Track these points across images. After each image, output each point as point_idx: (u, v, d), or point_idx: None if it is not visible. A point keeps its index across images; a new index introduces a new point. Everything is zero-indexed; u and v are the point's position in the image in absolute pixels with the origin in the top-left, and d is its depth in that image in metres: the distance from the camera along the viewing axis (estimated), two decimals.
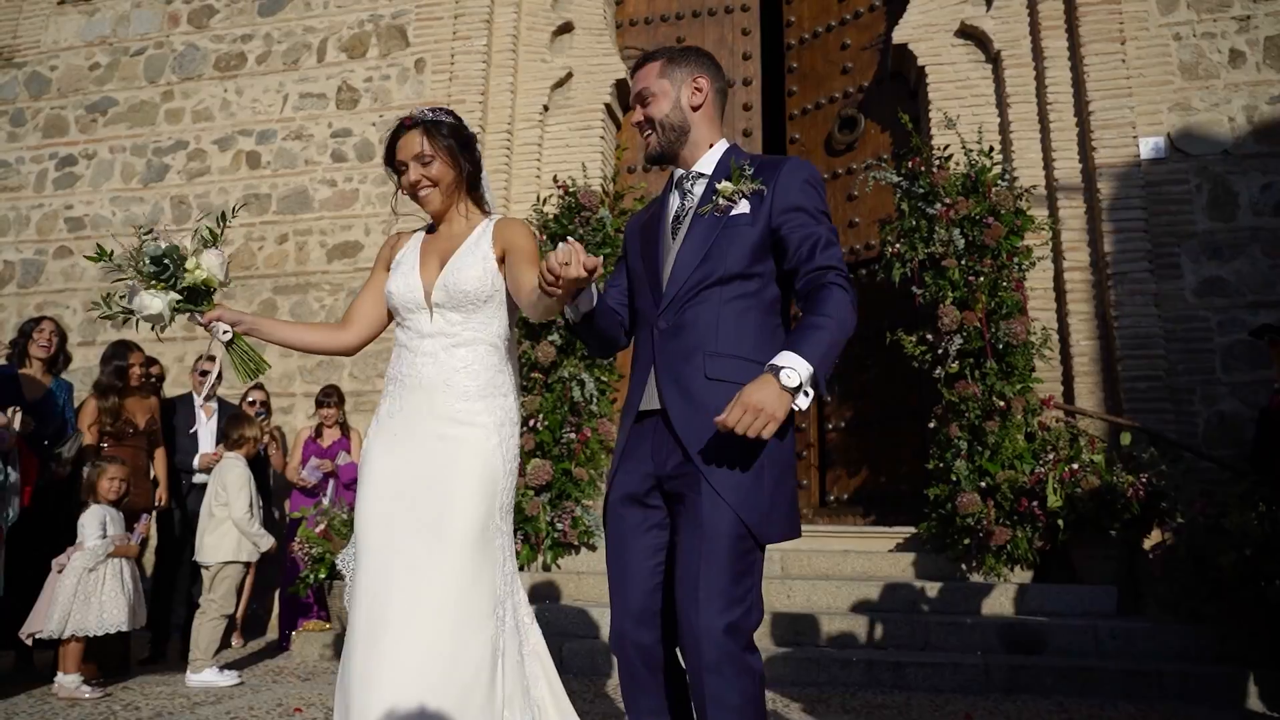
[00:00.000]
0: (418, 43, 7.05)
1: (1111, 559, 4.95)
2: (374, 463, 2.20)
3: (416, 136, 2.26)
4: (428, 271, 2.27)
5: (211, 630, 4.37)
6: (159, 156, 7.36)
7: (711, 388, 1.88)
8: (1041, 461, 5.08)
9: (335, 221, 6.90)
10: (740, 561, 1.84)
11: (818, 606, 5.02)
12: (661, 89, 2.08)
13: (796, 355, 1.76)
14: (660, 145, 2.10)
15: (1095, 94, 5.72)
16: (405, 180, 2.29)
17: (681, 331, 1.95)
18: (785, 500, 1.92)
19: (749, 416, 1.72)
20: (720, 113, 2.14)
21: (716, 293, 1.94)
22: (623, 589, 2.00)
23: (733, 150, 2.09)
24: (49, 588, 4.06)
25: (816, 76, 7.08)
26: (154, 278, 2.24)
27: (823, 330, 1.80)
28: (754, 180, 1.97)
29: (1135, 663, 4.25)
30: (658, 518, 1.99)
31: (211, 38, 7.50)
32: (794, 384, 1.74)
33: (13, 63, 7.87)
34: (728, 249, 1.94)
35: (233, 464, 4.63)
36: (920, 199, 5.59)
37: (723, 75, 2.16)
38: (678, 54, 2.13)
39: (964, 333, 5.30)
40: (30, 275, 7.39)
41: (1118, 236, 5.55)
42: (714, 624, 1.80)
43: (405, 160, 2.27)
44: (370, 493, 2.18)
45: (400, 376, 2.25)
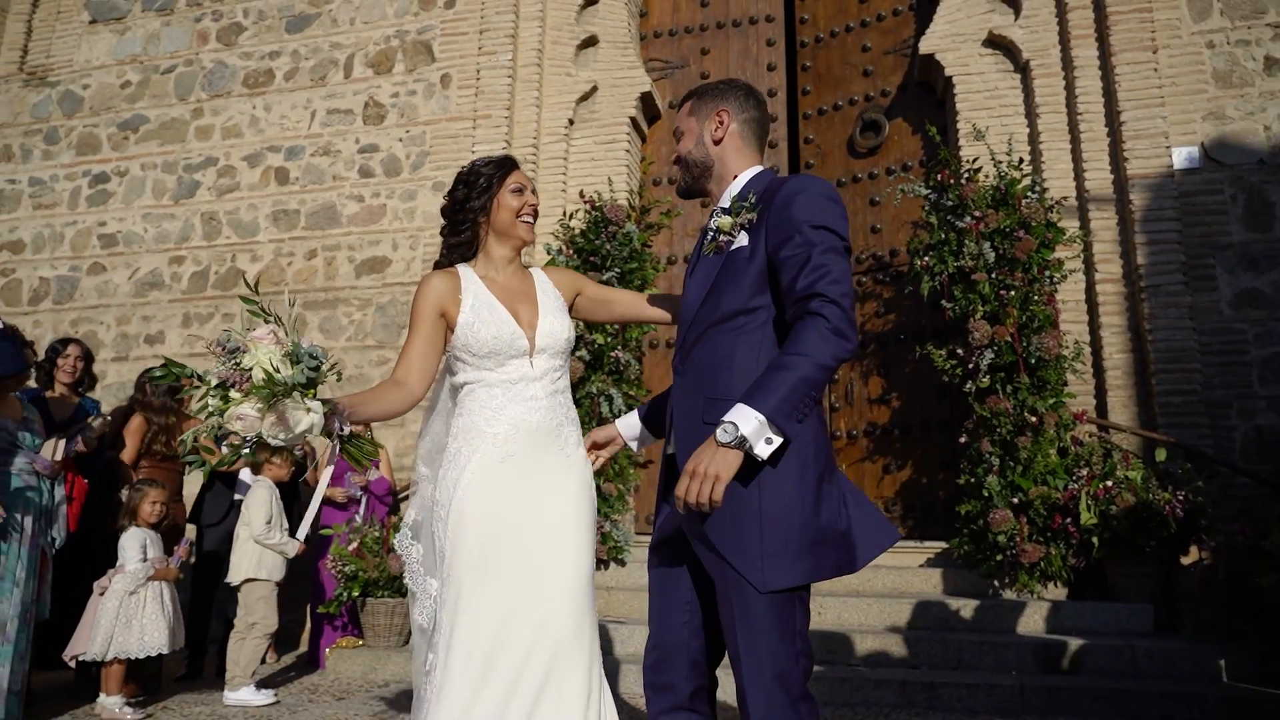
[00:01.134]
0: (443, 58, 7.09)
1: (1147, 577, 4.89)
2: (501, 506, 2.11)
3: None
4: (520, 317, 2.25)
5: (252, 649, 4.42)
6: (189, 173, 7.45)
7: (709, 433, 1.80)
8: (1075, 477, 5.04)
9: (363, 237, 6.96)
10: (772, 614, 1.79)
11: (849, 624, 5.01)
12: (689, 126, 2.11)
13: (743, 405, 1.71)
14: (685, 181, 2.13)
15: (1127, 103, 5.66)
16: (521, 201, 2.30)
17: (690, 374, 1.95)
18: (791, 543, 1.78)
19: (694, 483, 1.71)
20: (755, 140, 2.09)
21: (718, 332, 1.91)
22: (655, 631, 2.03)
23: (755, 179, 2.02)
24: (91, 610, 4.13)
25: (834, 78, 7.04)
26: (309, 385, 1.88)
27: (785, 370, 1.72)
28: (752, 209, 1.92)
29: (1174, 684, 4.20)
30: (691, 561, 2.00)
31: (240, 55, 7.58)
32: (729, 439, 1.69)
33: (46, 81, 8.00)
34: (726, 286, 1.92)
35: (256, 486, 4.70)
36: (949, 212, 5.56)
37: (754, 103, 2.08)
38: (709, 89, 2.12)
39: (995, 347, 5.27)
40: (65, 291, 7.50)
41: (1151, 248, 5.48)
42: (759, 678, 1.78)
43: (521, 185, 2.32)
44: (503, 530, 2.11)
45: (502, 421, 2.17)
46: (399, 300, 6.78)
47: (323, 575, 5.48)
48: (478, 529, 2.09)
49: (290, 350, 1.89)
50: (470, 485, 2.12)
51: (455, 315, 2.20)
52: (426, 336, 2.21)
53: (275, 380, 1.82)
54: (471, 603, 2.04)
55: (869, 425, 6.46)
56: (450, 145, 6.89)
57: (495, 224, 2.31)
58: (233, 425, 1.84)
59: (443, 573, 2.11)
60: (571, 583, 2.11)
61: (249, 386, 1.82)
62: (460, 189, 2.32)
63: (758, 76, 7.09)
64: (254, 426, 1.83)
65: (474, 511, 2.10)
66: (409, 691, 4.68)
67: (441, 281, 2.25)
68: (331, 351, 6.81)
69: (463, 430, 2.19)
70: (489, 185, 2.29)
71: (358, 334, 6.83)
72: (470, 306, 2.21)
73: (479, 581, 2.06)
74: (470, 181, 2.31)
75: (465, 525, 2.09)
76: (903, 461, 6.30)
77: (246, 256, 7.17)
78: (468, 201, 2.30)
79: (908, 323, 6.39)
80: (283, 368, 1.85)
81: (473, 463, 2.14)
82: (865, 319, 6.54)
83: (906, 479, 6.28)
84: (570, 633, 2.07)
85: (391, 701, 4.47)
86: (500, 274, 2.32)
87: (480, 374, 2.21)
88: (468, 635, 2.02)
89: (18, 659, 3.77)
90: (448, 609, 2.05)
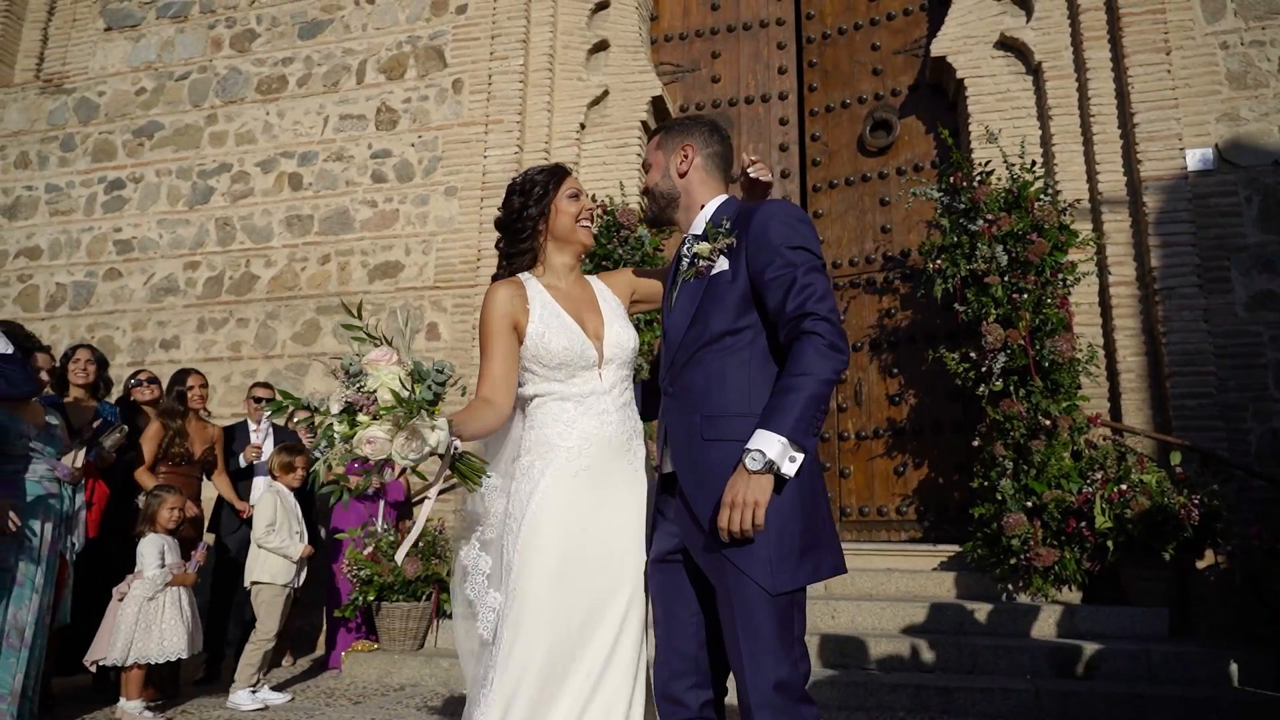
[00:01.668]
0: (455, 63, 7.12)
1: (1163, 580, 4.88)
2: (574, 523, 2.08)
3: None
4: (587, 327, 2.22)
5: (248, 654, 4.48)
6: (204, 179, 7.51)
7: (711, 449, 1.94)
8: (1089, 481, 5.03)
9: (376, 242, 7.00)
10: (774, 620, 1.87)
11: (862, 628, 5.01)
12: (656, 160, 2.25)
13: (764, 431, 1.83)
14: (651, 211, 2.27)
15: (1140, 105, 5.64)
16: (579, 206, 2.29)
17: (681, 395, 2.03)
18: (795, 545, 1.89)
19: (735, 513, 1.82)
20: (719, 173, 2.23)
21: (707, 352, 2.01)
22: (663, 643, 2.07)
23: (723, 206, 2.15)
24: (110, 615, 4.17)
25: (841, 75, 7.01)
26: (434, 402, 1.86)
27: (794, 392, 1.84)
28: (729, 234, 2.04)
29: (1190, 689, 4.19)
30: (694, 575, 2.04)
31: (253, 61, 7.64)
32: (759, 466, 1.81)
33: (62, 89, 8.07)
34: (711, 309, 2.02)
35: (263, 492, 4.74)
36: (961, 214, 5.55)
37: (718, 139, 2.23)
38: (676, 124, 2.27)
39: (1008, 350, 5.26)
40: (81, 297, 7.57)
41: (1165, 250, 5.46)
42: (761, 684, 1.85)
43: (577, 190, 2.32)
44: (573, 548, 2.09)
45: (575, 434, 2.14)
46: (412, 305, 6.81)
47: (338, 579, 5.52)
48: (550, 546, 2.06)
49: (412, 369, 1.88)
50: (544, 501, 2.08)
51: (525, 325, 2.16)
52: (504, 351, 2.15)
53: (403, 399, 1.81)
54: (538, 620, 2.01)
55: (879, 427, 6.46)
56: (462, 150, 6.92)
57: (555, 231, 2.27)
58: (362, 450, 1.81)
59: (508, 586, 2.06)
60: (633, 607, 2.10)
61: (377, 408, 1.81)
62: (516, 199, 2.28)
63: (768, 80, 7.09)
64: (384, 449, 1.82)
65: (547, 529, 2.06)
66: (425, 695, 4.72)
67: (509, 292, 2.19)
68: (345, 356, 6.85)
69: (535, 444, 2.14)
70: (545, 193, 2.27)
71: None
72: (539, 316, 2.17)
73: (546, 600, 2.02)
74: (526, 190, 2.27)
75: (538, 542, 2.06)
76: (915, 463, 6.30)
77: (260, 262, 7.22)
78: (524, 210, 2.26)
79: (920, 323, 6.38)
80: (406, 385, 1.83)
81: (546, 477, 2.10)
82: (876, 319, 6.54)
83: (919, 481, 6.28)
84: (628, 659, 2.06)
85: (407, 706, 4.49)
86: (563, 282, 2.29)
87: (550, 386, 2.17)
88: (527, 652, 1.98)
89: (34, 664, 3.81)
90: (509, 624, 2.01)
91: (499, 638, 2.03)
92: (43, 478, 3.90)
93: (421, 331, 6.75)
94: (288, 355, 7.00)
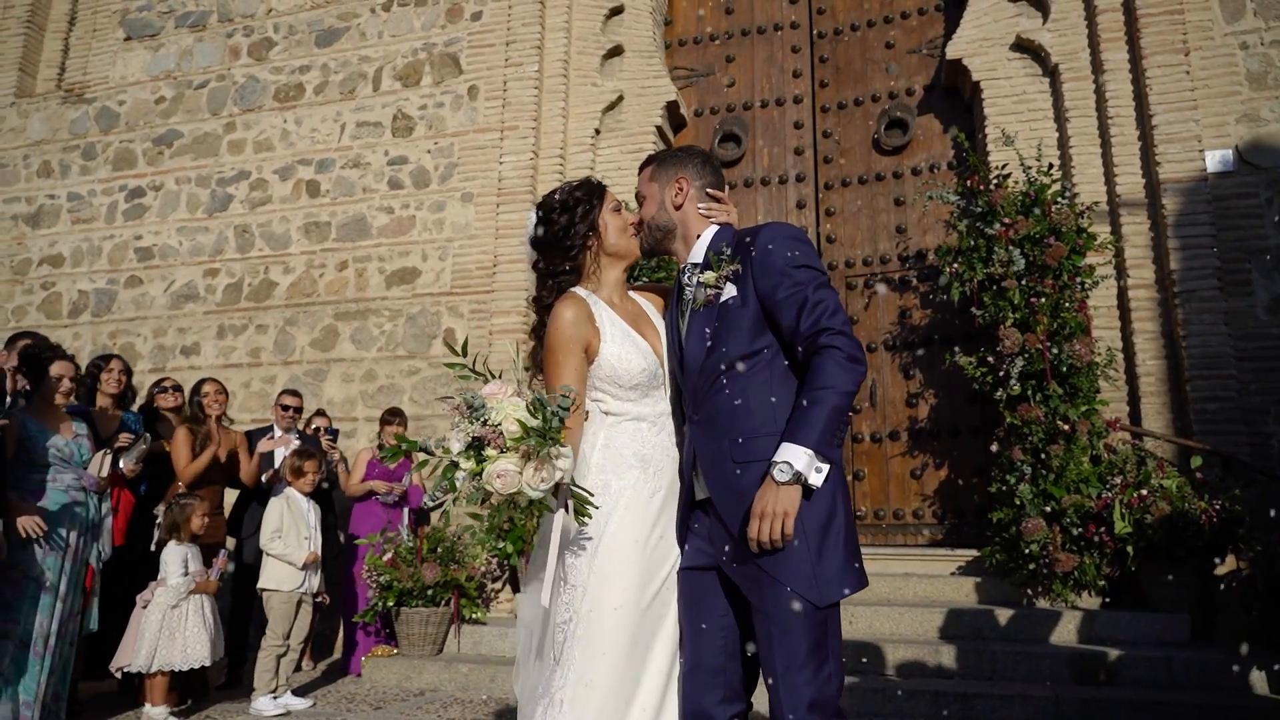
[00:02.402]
0: (470, 70, 7.15)
1: (1184, 586, 4.84)
2: (649, 545, 2.08)
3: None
4: (652, 344, 2.19)
5: (261, 661, 4.52)
6: (222, 187, 7.58)
7: (742, 471, 2.00)
8: (1108, 485, 5.00)
9: (393, 248, 7.04)
10: (810, 635, 1.91)
11: (880, 634, 5.00)
12: (650, 192, 2.27)
13: (790, 444, 1.89)
14: (647, 243, 2.28)
15: (1158, 107, 5.60)
16: (624, 219, 2.27)
17: (708, 422, 2.07)
18: (836, 556, 1.94)
19: (765, 523, 1.88)
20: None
21: (728, 377, 2.05)
22: (691, 654, 2.07)
23: (720, 234, 2.19)
24: (134, 622, 4.23)
25: (853, 72, 6.99)
26: (559, 429, 1.84)
27: (819, 405, 1.90)
28: (732, 261, 2.09)
29: (1212, 696, 4.17)
30: (726, 587, 2.06)
31: (271, 69, 7.70)
32: (787, 477, 1.87)
33: (83, 98, 8.17)
34: (726, 336, 2.06)
35: (272, 499, 4.78)
36: (978, 218, 5.53)
37: (710, 169, 2.28)
38: (667, 157, 2.30)
39: (1025, 354, 5.24)
40: (103, 304, 7.66)
41: (1184, 253, 5.42)
42: (796, 702, 1.88)
43: (618, 204, 2.30)
44: (645, 570, 2.08)
45: (650, 455, 2.13)
46: (429, 311, 6.85)
47: (357, 584, 5.56)
48: (629, 570, 2.04)
49: (531, 400, 1.85)
50: (622, 524, 2.06)
51: (597, 346, 2.11)
52: (576, 373, 2.09)
53: (532, 428, 1.79)
54: (613, 641, 1.99)
55: (895, 429, 6.44)
56: (478, 156, 6.95)
57: (607, 245, 2.23)
58: (492, 484, 1.80)
59: (578, 605, 2.02)
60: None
61: (504, 441, 1.80)
62: (560, 216, 2.22)
63: (783, 83, 7.09)
64: (514, 482, 1.81)
65: (628, 552, 2.05)
66: (444, 701, 4.75)
67: (578, 312, 2.12)
68: (362, 362, 6.91)
69: (611, 463, 2.10)
70: (591, 208, 2.23)
71: (389, 344, 6.91)
72: (613, 336, 2.13)
73: (624, 622, 2.01)
74: (570, 207, 2.22)
75: (615, 565, 2.03)
76: (933, 466, 6.28)
77: (279, 268, 7.28)
78: (572, 227, 2.21)
79: (937, 324, 6.36)
80: (533, 417, 1.81)
81: (624, 498, 2.07)
82: (892, 320, 6.52)
83: (937, 485, 6.26)
84: (673, 674, 2.08)
85: (428, 711, 4.53)
86: (619, 297, 2.25)
87: (624, 405, 2.14)
88: (601, 674, 1.97)
89: (52, 672, 3.87)
90: (581, 642, 1.99)
91: (567, 657, 1.99)
92: (69, 487, 3.97)
93: (439, 337, 6.80)
94: (306, 361, 7.06)
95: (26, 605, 3.79)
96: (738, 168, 7.07)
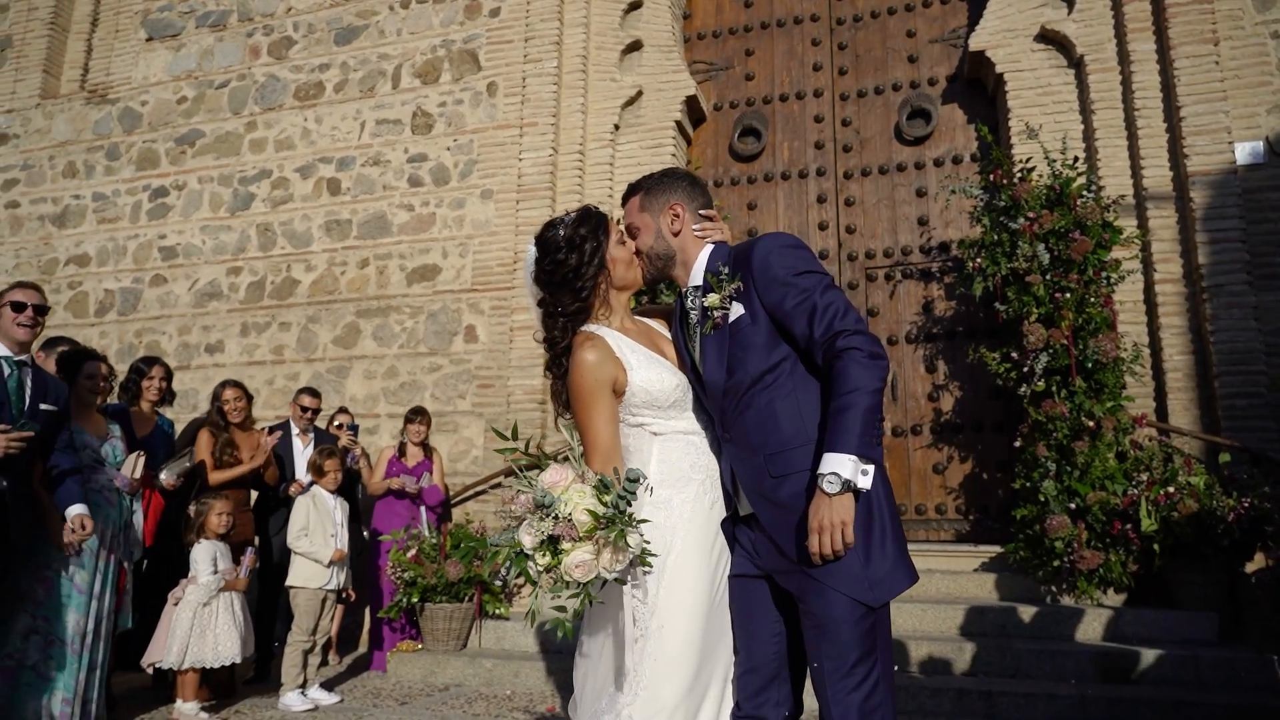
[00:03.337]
0: (489, 66, 7.16)
1: (1211, 584, 4.80)
2: (713, 555, 2.11)
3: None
4: (673, 360, 2.21)
5: (287, 655, 4.58)
6: (244, 186, 7.64)
7: (781, 484, 2.02)
8: (1134, 482, 4.96)
9: (414, 245, 7.08)
10: (860, 643, 1.93)
11: (903, 630, 4.99)
12: (644, 223, 2.24)
13: (832, 454, 1.90)
14: (650, 273, 2.28)
15: (1186, 98, 5.52)
16: (629, 250, 2.25)
17: (740, 439, 2.08)
18: (885, 554, 1.97)
19: (825, 537, 1.89)
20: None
21: (753, 394, 2.06)
22: (745, 653, 2.09)
23: (714, 253, 2.19)
24: (166, 619, 4.29)
25: (873, 60, 6.92)
26: (629, 505, 1.88)
27: (850, 410, 1.91)
28: (733, 280, 2.10)
29: (1240, 696, 4.13)
30: (776, 593, 2.09)
31: (291, 68, 7.74)
32: (837, 488, 1.88)
33: (107, 99, 8.24)
34: (744, 355, 2.07)
35: (299, 497, 4.83)
36: (1002, 213, 5.48)
37: (699, 190, 2.28)
38: (654, 185, 2.27)
39: (1050, 350, 5.19)
40: (129, 303, 7.75)
41: (1213, 247, 5.35)
42: (845, 712, 1.91)
43: (621, 235, 2.27)
44: (711, 582, 2.11)
45: (706, 464, 2.15)
46: (449, 308, 6.88)
47: (381, 579, 5.62)
48: (700, 583, 2.05)
49: (596, 483, 1.89)
50: (687, 538, 2.06)
51: (624, 379, 2.10)
52: (608, 416, 2.08)
53: (602, 516, 1.83)
54: (685, 656, 2.00)
55: (916, 423, 6.41)
56: (498, 153, 6.96)
57: (616, 278, 2.22)
58: (572, 575, 1.84)
59: (648, 622, 2.01)
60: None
61: (577, 533, 1.84)
62: (570, 255, 2.17)
63: (803, 76, 7.04)
64: (592, 568, 1.85)
65: (694, 567, 2.05)
66: (469, 696, 4.80)
67: (599, 354, 2.10)
68: (384, 359, 6.96)
69: (670, 477, 2.10)
70: (598, 244, 2.19)
71: (410, 341, 6.95)
72: (638, 364, 2.13)
73: (696, 636, 2.02)
74: (578, 246, 2.18)
75: (681, 580, 2.04)
76: (956, 462, 6.25)
77: (301, 266, 7.34)
78: (581, 268, 2.17)
79: (960, 317, 6.32)
80: (602, 502, 1.85)
81: (687, 510, 2.08)
82: (914, 313, 6.48)
83: (960, 480, 6.23)
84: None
85: (452, 707, 4.57)
86: (629, 323, 2.26)
87: (668, 424, 2.15)
88: (660, 685, 1.98)
89: (90, 670, 3.94)
90: (649, 660, 1.99)
91: (636, 673, 1.99)
92: (103, 487, 4.03)
93: (460, 334, 6.83)
94: (329, 358, 7.11)
95: (60, 603, 3.86)
96: (757, 162, 7.04)
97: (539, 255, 2.23)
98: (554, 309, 2.22)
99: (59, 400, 3.80)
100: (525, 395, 6.52)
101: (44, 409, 3.69)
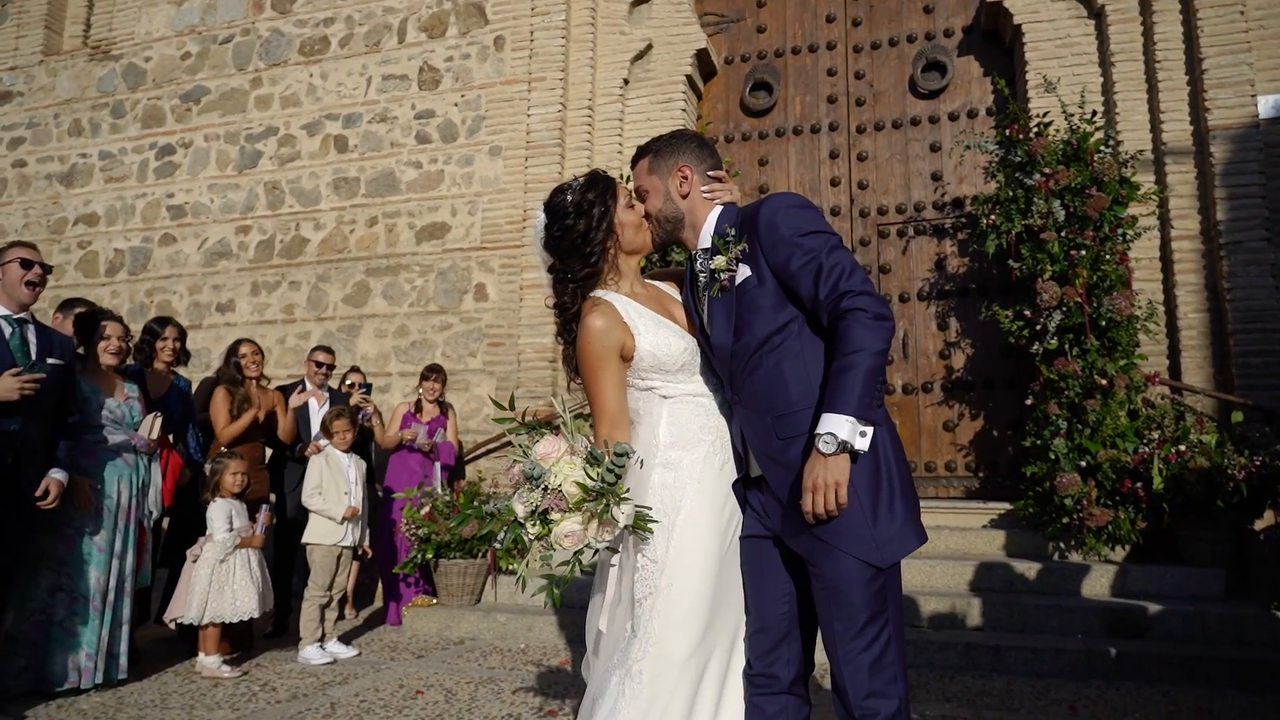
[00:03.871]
0: (496, 20, 7.03)
1: (1219, 541, 4.82)
2: (724, 517, 2.12)
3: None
4: (682, 324, 2.21)
5: (305, 611, 4.66)
6: (251, 143, 7.58)
7: (788, 445, 2.01)
8: (1146, 440, 4.96)
9: (422, 203, 7.03)
10: (870, 604, 1.94)
11: (913, 586, 5.05)
12: (653, 185, 2.23)
13: (830, 414, 1.89)
14: (659, 236, 2.27)
15: (1209, 50, 5.39)
16: (638, 214, 2.23)
17: (749, 401, 2.08)
18: (894, 515, 1.96)
19: (817, 496, 1.89)
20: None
21: (761, 356, 2.05)
22: (757, 612, 2.11)
23: (722, 215, 2.18)
24: (185, 576, 4.37)
25: (888, 10, 6.76)
26: (618, 480, 1.90)
27: (851, 370, 1.89)
28: (739, 241, 2.08)
29: (1246, 651, 4.18)
30: (786, 554, 2.09)
31: (295, 22, 7.62)
32: (832, 448, 1.88)
33: (110, 55, 8.15)
34: (751, 317, 2.06)
35: (313, 457, 4.87)
36: (1017, 168, 5.40)
37: (708, 151, 2.26)
38: (662, 147, 2.26)
39: (1064, 308, 5.16)
40: (139, 262, 7.75)
41: (1232, 203, 5.28)
42: (855, 671, 1.94)
43: (630, 199, 2.25)
44: (722, 545, 2.12)
45: (716, 425, 2.16)
46: (459, 266, 6.86)
47: (396, 536, 5.69)
48: (710, 542, 2.06)
49: (586, 455, 1.91)
50: (697, 498, 2.08)
51: (632, 344, 2.11)
52: (616, 381, 2.10)
53: (593, 489, 1.87)
54: (694, 614, 2.02)
55: (927, 381, 6.40)
56: (506, 109, 6.88)
57: (625, 244, 2.21)
58: (561, 545, 1.89)
59: (656, 580, 2.04)
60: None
61: (566, 504, 1.88)
62: (578, 221, 2.16)
63: (816, 29, 6.90)
64: (581, 539, 1.89)
65: (706, 526, 2.07)
66: (483, 649, 4.89)
67: (608, 320, 2.10)
68: (394, 317, 6.96)
69: (679, 439, 2.12)
70: (606, 209, 2.17)
71: (420, 299, 6.95)
72: (646, 328, 2.13)
73: (706, 595, 2.04)
74: (586, 212, 2.17)
75: (690, 540, 2.05)
76: (966, 419, 6.25)
77: (310, 225, 7.31)
78: (590, 233, 2.16)
79: (972, 274, 6.27)
80: (590, 475, 1.88)
81: (696, 471, 2.10)
82: (927, 270, 6.44)
83: (970, 438, 6.24)
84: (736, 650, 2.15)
85: (468, 660, 4.66)
86: (639, 286, 2.25)
87: (677, 387, 2.16)
88: (669, 642, 2.01)
89: (116, 625, 4.03)
90: (659, 618, 2.02)
91: (645, 630, 2.02)
92: (120, 447, 4.07)
93: (470, 292, 6.82)
94: (339, 317, 7.12)
95: (82, 560, 3.94)
96: (769, 117, 6.94)
97: (548, 222, 2.22)
98: (564, 275, 2.22)
99: (64, 355, 3.83)
100: (536, 353, 6.53)
101: (50, 363, 3.71)
